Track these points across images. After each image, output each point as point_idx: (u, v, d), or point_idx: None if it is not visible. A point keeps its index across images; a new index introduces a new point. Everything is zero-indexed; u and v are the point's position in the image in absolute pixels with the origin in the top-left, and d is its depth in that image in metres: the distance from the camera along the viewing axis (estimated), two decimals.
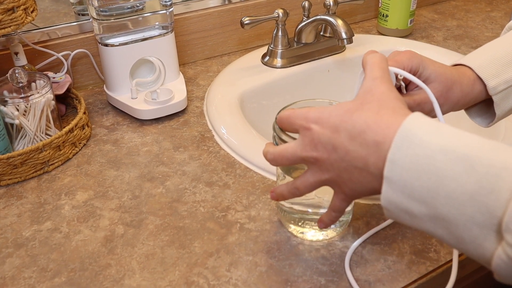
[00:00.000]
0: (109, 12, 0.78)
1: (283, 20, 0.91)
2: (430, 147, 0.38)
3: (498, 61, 0.56)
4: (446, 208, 0.37)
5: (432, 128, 0.40)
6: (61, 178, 0.70)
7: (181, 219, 0.62)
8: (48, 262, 0.57)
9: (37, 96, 0.70)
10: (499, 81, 0.55)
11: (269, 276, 0.54)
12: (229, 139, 0.75)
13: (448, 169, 0.37)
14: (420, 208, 0.39)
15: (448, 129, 0.40)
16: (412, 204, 0.39)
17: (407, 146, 0.39)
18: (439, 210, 0.38)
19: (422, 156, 0.38)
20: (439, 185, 0.38)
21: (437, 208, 0.38)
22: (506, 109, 0.58)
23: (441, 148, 0.38)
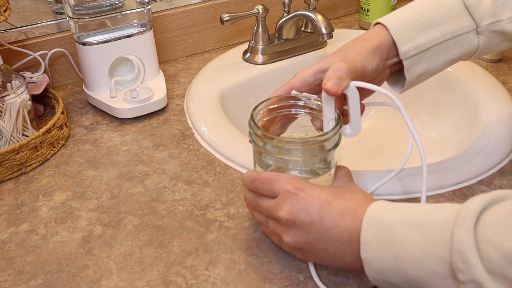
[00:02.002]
0: (85, 10, 0.77)
1: (263, 16, 0.90)
2: (389, 222, 0.44)
3: (412, 24, 0.57)
4: (413, 270, 0.42)
5: (389, 208, 0.46)
6: (38, 179, 0.69)
7: (160, 218, 0.61)
8: (24, 265, 0.56)
9: (13, 97, 0.69)
10: (410, 45, 0.57)
11: (248, 273, 0.54)
12: (210, 136, 0.75)
13: (405, 235, 0.43)
14: (396, 277, 0.44)
15: (401, 206, 0.46)
16: (389, 276, 0.44)
17: (372, 226, 0.45)
18: (409, 274, 0.43)
19: (384, 231, 0.44)
20: (402, 251, 0.43)
21: (406, 272, 0.43)
22: (416, 74, 0.59)
23: (397, 220, 0.44)
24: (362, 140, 0.96)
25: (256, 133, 0.52)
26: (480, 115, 0.78)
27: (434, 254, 0.41)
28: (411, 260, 0.42)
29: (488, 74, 0.87)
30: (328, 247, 0.48)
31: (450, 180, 0.65)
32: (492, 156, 0.68)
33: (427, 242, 0.42)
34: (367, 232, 0.45)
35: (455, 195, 0.63)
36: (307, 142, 0.51)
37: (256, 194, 0.54)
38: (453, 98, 0.88)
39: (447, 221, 0.41)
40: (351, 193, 0.50)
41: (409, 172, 0.66)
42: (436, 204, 0.45)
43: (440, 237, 0.41)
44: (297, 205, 0.48)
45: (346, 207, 0.48)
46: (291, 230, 0.49)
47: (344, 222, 0.47)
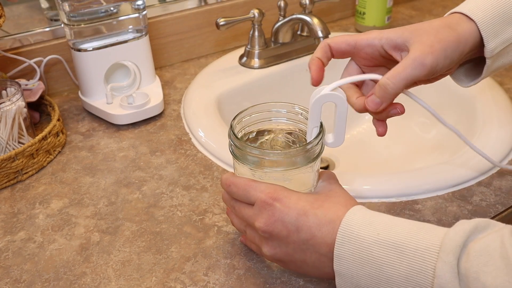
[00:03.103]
0: (80, 17, 0.77)
1: (259, 20, 0.90)
2: (366, 240, 0.43)
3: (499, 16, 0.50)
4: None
5: (366, 223, 0.44)
6: (35, 187, 0.68)
7: (157, 224, 0.61)
8: (21, 273, 0.55)
9: (8, 104, 0.68)
10: (497, 42, 0.51)
11: (247, 278, 0.53)
12: (207, 141, 0.75)
13: (383, 257, 0.42)
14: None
15: (379, 220, 0.45)
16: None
17: (347, 242, 0.44)
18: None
19: (360, 249, 0.43)
20: (379, 272, 0.43)
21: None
22: (492, 69, 0.54)
23: (375, 240, 0.43)
24: (360, 143, 0.96)
25: (235, 144, 0.50)
26: (478, 116, 0.77)
27: (413, 281, 0.41)
28: (388, 282, 0.42)
29: None
30: (306, 258, 0.47)
31: (449, 182, 0.64)
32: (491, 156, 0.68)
33: (406, 268, 0.41)
34: (342, 246, 0.44)
35: (454, 197, 0.63)
36: (288, 153, 0.49)
37: (233, 199, 0.52)
38: (451, 100, 0.88)
39: (428, 250, 0.41)
40: (330, 201, 0.48)
41: (407, 175, 0.66)
42: (414, 223, 0.44)
43: (421, 266, 0.41)
44: (273, 216, 0.47)
45: (323, 217, 0.46)
46: (269, 241, 0.48)
47: (321, 233, 0.46)
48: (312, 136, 0.51)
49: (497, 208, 0.61)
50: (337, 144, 0.52)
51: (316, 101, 0.49)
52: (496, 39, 0.50)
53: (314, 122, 0.50)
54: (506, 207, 0.61)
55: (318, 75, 0.52)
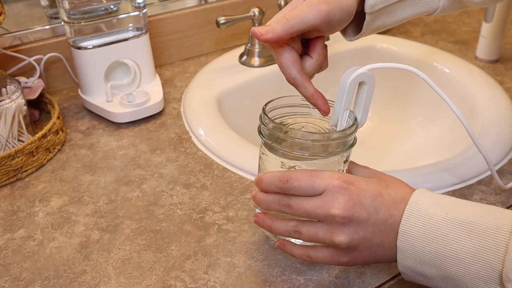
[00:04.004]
0: (80, 15, 0.77)
1: (259, 19, 0.90)
2: (434, 218, 0.44)
3: None
4: (454, 268, 0.43)
5: (433, 202, 0.45)
6: (35, 185, 0.68)
7: (158, 222, 0.61)
8: (21, 271, 0.55)
9: (7, 102, 0.68)
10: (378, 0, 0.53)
11: (248, 277, 0.53)
12: (207, 140, 0.75)
13: (451, 234, 0.43)
14: (432, 270, 0.44)
15: (446, 201, 0.46)
16: (424, 268, 0.45)
17: (415, 218, 0.45)
18: (448, 271, 0.43)
19: (428, 226, 0.44)
20: (445, 248, 0.43)
21: (446, 269, 0.43)
22: (372, 28, 0.56)
23: (443, 218, 0.44)
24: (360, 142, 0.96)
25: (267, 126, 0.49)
26: (478, 115, 0.77)
27: (481, 259, 0.42)
28: (454, 259, 0.43)
29: (485, 74, 0.87)
30: (384, 239, 0.46)
31: (449, 180, 0.64)
32: (491, 156, 0.68)
33: (476, 245, 0.42)
34: (408, 222, 0.45)
35: (455, 195, 0.63)
36: (326, 137, 0.48)
37: (285, 196, 0.48)
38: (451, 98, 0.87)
39: (499, 229, 0.42)
40: (392, 182, 0.49)
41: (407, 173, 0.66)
42: (481, 205, 0.45)
43: (491, 244, 0.41)
44: (351, 199, 0.45)
45: (395, 196, 0.47)
46: (346, 228, 0.46)
47: (398, 211, 0.46)
48: (342, 119, 0.50)
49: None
50: (362, 123, 0.52)
51: (353, 81, 0.49)
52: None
53: (346, 104, 0.50)
54: (507, 206, 0.61)
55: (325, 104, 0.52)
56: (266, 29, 0.48)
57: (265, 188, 0.49)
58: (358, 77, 0.49)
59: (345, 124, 0.51)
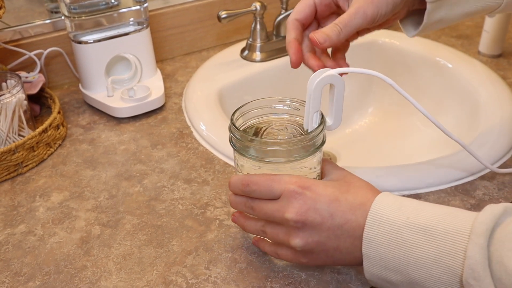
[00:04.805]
0: (81, 9, 0.76)
1: (261, 13, 0.89)
2: (396, 223, 0.44)
3: None
4: (417, 273, 0.43)
5: (396, 207, 0.45)
6: (35, 180, 0.68)
7: (159, 217, 0.61)
8: (21, 266, 0.55)
9: (8, 96, 0.68)
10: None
11: (249, 272, 0.53)
12: (208, 135, 0.74)
13: (413, 240, 0.43)
14: (397, 276, 0.44)
15: (408, 205, 0.45)
16: (389, 274, 0.45)
17: (377, 225, 0.45)
18: (412, 276, 0.43)
19: (390, 232, 0.44)
20: (408, 254, 0.43)
21: (410, 274, 0.43)
22: (434, 19, 0.56)
23: (405, 223, 0.44)
24: (362, 138, 0.95)
25: (236, 136, 0.50)
26: (480, 110, 0.77)
27: (442, 263, 0.41)
28: (416, 264, 0.43)
29: (488, 69, 0.87)
30: (340, 244, 0.47)
31: (452, 176, 0.64)
32: (493, 151, 0.68)
33: (436, 250, 0.42)
34: (371, 229, 0.45)
35: (457, 191, 0.62)
36: (292, 141, 0.48)
37: (249, 198, 0.50)
38: (454, 94, 0.87)
39: (459, 233, 0.41)
40: (354, 186, 0.49)
41: (410, 169, 0.65)
42: (443, 208, 0.44)
43: (450, 248, 0.41)
44: (305, 204, 0.46)
45: (354, 201, 0.47)
46: (300, 232, 0.47)
47: (355, 217, 0.46)
48: (313, 122, 0.50)
49: (500, 203, 0.60)
50: (336, 126, 0.53)
51: (317, 85, 0.49)
52: None
53: (315, 107, 0.50)
54: (510, 201, 0.61)
55: (297, 56, 0.55)
56: (324, 38, 0.52)
57: (232, 191, 0.52)
58: (323, 80, 0.49)
59: (315, 127, 0.50)
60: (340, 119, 0.52)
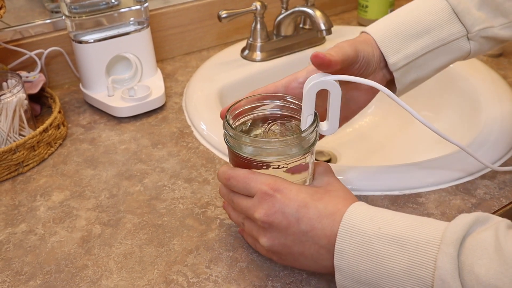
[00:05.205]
0: (81, 9, 0.76)
1: (261, 13, 0.90)
2: (367, 234, 0.43)
3: (400, 34, 0.56)
4: (388, 286, 0.42)
5: (367, 217, 0.44)
6: (36, 179, 0.68)
7: (159, 216, 0.61)
8: (22, 265, 0.55)
9: (9, 96, 0.68)
10: (399, 56, 0.56)
11: (250, 271, 0.53)
12: (209, 134, 0.74)
13: (385, 251, 0.42)
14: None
15: (381, 215, 0.44)
16: (360, 286, 0.44)
17: (349, 236, 0.44)
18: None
19: (361, 243, 0.43)
20: (379, 266, 0.42)
21: (381, 286, 0.43)
22: (406, 83, 0.58)
23: (376, 234, 0.43)
24: (363, 137, 0.95)
25: (230, 134, 0.50)
26: (481, 109, 0.77)
27: (414, 275, 0.41)
28: (388, 277, 0.42)
29: (488, 69, 0.87)
30: (305, 250, 0.47)
31: (453, 175, 0.64)
32: (494, 150, 0.68)
33: (407, 261, 0.41)
34: (343, 240, 0.44)
35: (458, 190, 0.62)
36: (283, 141, 0.49)
37: (230, 191, 0.52)
38: (454, 93, 0.87)
39: (429, 243, 0.41)
40: (330, 195, 0.48)
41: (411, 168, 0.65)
42: (416, 218, 0.44)
43: (421, 259, 0.40)
44: (273, 207, 0.47)
45: (324, 210, 0.46)
46: (267, 233, 0.48)
47: (322, 225, 0.46)
48: (306, 124, 0.51)
49: (501, 202, 0.61)
50: (331, 131, 0.53)
51: (310, 88, 0.49)
52: (397, 55, 0.56)
53: (308, 110, 0.50)
54: (510, 201, 0.61)
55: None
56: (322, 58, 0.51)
57: (219, 181, 0.53)
58: (316, 85, 0.49)
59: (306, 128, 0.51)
60: (336, 125, 0.52)
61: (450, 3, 0.57)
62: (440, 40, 0.57)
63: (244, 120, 0.55)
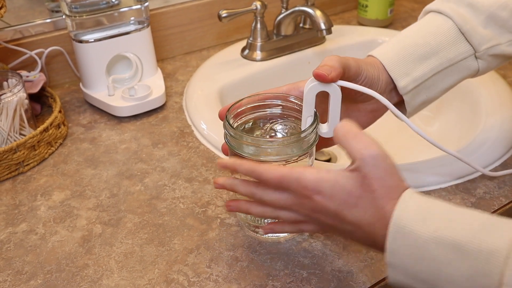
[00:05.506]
0: (82, 8, 0.76)
1: (262, 13, 0.90)
2: (422, 237, 0.41)
3: (408, 57, 0.55)
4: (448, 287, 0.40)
5: (420, 217, 0.42)
6: (36, 179, 0.68)
7: (160, 216, 0.61)
8: (23, 265, 0.55)
9: (9, 95, 0.68)
10: (408, 80, 0.55)
11: (251, 270, 0.53)
12: (209, 134, 0.74)
13: (442, 256, 0.40)
14: (424, 286, 0.42)
15: (435, 215, 0.42)
16: (416, 283, 0.42)
17: (401, 237, 0.42)
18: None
19: (415, 246, 0.41)
20: (437, 270, 0.40)
21: (438, 286, 0.41)
22: (416, 105, 0.58)
23: (432, 237, 0.40)
24: None
25: (230, 133, 0.50)
26: (481, 109, 0.77)
27: (477, 282, 0.39)
28: (447, 280, 0.40)
29: None
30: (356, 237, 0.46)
31: (452, 174, 0.64)
32: (494, 150, 0.68)
33: (469, 269, 0.39)
34: (394, 240, 0.42)
35: (458, 189, 0.63)
36: (282, 141, 0.49)
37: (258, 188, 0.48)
38: (454, 92, 0.87)
39: (494, 254, 0.38)
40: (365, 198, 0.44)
41: (411, 167, 0.65)
42: (476, 219, 0.41)
43: (486, 268, 0.38)
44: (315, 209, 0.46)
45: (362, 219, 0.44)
46: (312, 224, 0.48)
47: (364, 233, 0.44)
48: (306, 125, 0.51)
49: (500, 201, 0.61)
50: (331, 133, 0.52)
51: (310, 90, 0.50)
52: (406, 78, 0.55)
53: (308, 111, 0.51)
54: (510, 200, 0.61)
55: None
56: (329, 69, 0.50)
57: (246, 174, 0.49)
58: (315, 87, 0.50)
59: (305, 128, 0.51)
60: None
61: (456, 23, 0.57)
62: (448, 60, 0.56)
63: (244, 119, 0.55)
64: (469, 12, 0.57)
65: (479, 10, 0.57)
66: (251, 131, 0.56)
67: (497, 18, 0.57)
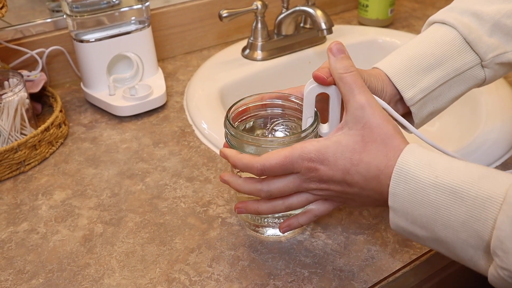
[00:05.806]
0: (83, 8, 0.76)
1: (262, 12, 0.90)
2: (423, 182, 0.43)
3: (414, 68, 0.55)
4: (443, 233, 0.43)
5: (423, 163, 0.44)
6: (37, 178, 0.68)
7: (161, 215, 0.61)
8: (25, 264, 0.55)
9: (10, 95, 0.68)
10: (415, 91, 0.55)
11: (252, 270, 0.53)
12: (210, 133, 0.74)
13: (441, 201, 0.42)
14: (423, 232, 0.44)
15: (438, 163, 0.43)
16: (415, 228, 0.45)
17: (403, 181, 0.44)
18: (438, 234, 0.43)
19: (416, 190, 0.43)
20: (435, 214, 0.42)
21: (436, 232, 0.43)
22: (423, 116, 0.57)
23: (432, 183, 0.42)
24: None
25: (231, 133, 0.51)
26: (481, 109, 0.77)
27: (470, 227, 0.41)
28: (443, 224, 0.42)
29: None
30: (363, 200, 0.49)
31: None
32: (494, 149, 0.68)
33: (464, 214, 0.41)
34: (397, 185, 0.44)
35: None
36: (283, 141, 0.50)
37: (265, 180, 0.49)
38: None
39: (490, 200, 0.40)
40: (368, 151, 0.46)
41: None
42: (477, 169, 0.42)
43: (480, 214, 0.40)
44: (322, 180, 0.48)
45: (367, 174, 0.46)
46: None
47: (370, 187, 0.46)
48: (307, 125, 0.51)
49: None
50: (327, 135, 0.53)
51: (310, 91, 0.50)
52: (413, 89, 0.55)
53: (308, 112, 0.51)
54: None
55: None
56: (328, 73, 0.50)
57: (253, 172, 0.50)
58: (315, 89, 0.50)
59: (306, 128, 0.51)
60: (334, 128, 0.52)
61: (461, 32, 0.56)
62: (454, 70, 0.56)
63: (245, 119, 0.55)
64: (474, 22, 0.56)
65: (484, 19, 0.56)
66: (252, 131, 0.56)
67: (502, 26, 0.56)
